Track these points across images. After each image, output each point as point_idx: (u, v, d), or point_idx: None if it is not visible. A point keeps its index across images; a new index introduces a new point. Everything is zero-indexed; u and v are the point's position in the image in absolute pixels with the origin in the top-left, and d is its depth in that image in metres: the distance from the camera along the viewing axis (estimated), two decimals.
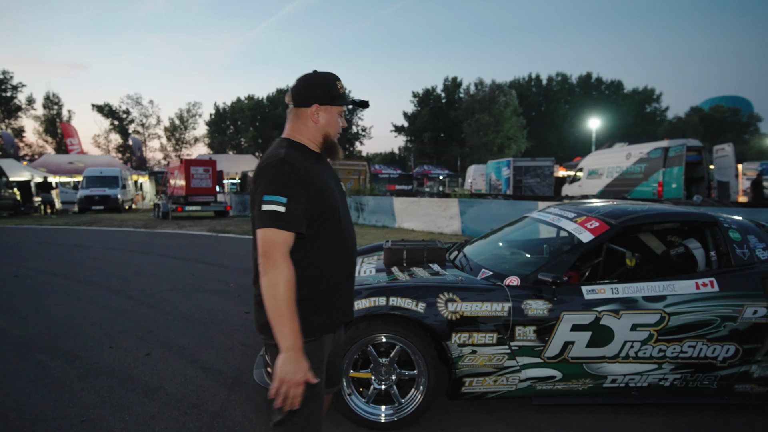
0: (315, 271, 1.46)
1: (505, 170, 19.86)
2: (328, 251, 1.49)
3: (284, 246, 1.35)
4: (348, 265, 1.57)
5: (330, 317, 1.52)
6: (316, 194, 1.43)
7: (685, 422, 2.51)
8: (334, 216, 1.50)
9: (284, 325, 1.32)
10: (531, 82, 53.61)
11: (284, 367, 1.31)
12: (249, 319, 4.37)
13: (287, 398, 1.31)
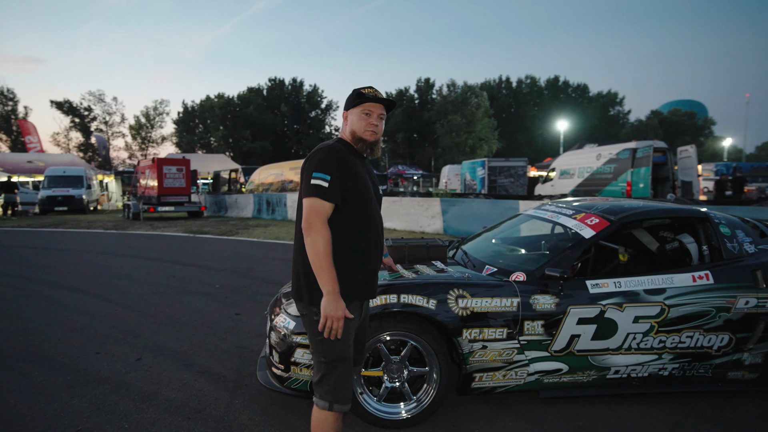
0: (345, 243, 1.77)
1: (480, 170, 20.18)
2: (357, 229, 1.81)
3: (324, 214, 1.71)
4: (373, 245, 1.86)
5: (356, 287, 1.80)
6: (351, 179, 1.77)
7: (684, 410, 2.61)
8: (364, 201, 1.82)
9: (325, 275, 1.67)
10: (501, 84, 54.73)
11: (327, 306, 1.67)
12: (241, 321, 4.27)
13: (331, 330, 1.68)
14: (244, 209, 14.80)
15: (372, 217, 1.86)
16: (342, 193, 1.74)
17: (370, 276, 1.86)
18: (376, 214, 1.90)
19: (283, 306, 2.83)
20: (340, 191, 1.73)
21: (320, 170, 1.71)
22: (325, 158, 1.73)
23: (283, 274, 6.24)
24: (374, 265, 1.88)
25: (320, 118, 54.13)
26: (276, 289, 5.42)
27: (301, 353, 2.51)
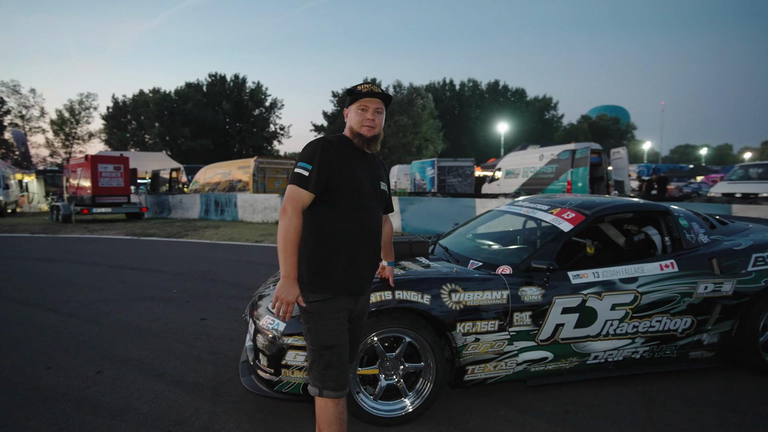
0: (327, 233, 1.81)
1: (430, 170, 20.60)
2: (341, 222, 1.81)
3: (299, 201, 1.75)
4: (357, 240, 1.84)
5: (337, 280, 1.81)
6: (337, 172, 1.79)
7: (655, 389, 2.82)
8: (350, 194, 1.82)
9: (286, 259, 1.74)
10: (445, 86, 56.18)
11: (280, 289, 1.76)
12: (209, 326, 4.05)
13: (281, 312, 1.76)
14: (190, 210, 14.05)
15: (360, 212, 1.84)
16: (326, 185, 1.77)
17: (353, 271, 1.83)
18: (367, 209, 1.86)
19: (267, 307, 2.72)
20: (321, 182, 1.76)
21: (304, 160, 1.78)
22: (311, 150, 1.80)
23: (244, 275, 6.00)
24: (358, 260, 1.84)
25: (264, 117, 52.62)
26: (240, 291, 5.20)
27: (292, 355, 2.42)
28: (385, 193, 2.00)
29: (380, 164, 2.04)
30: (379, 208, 1.95)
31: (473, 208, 8.41)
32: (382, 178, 2.00)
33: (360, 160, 1.88)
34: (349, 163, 1.82)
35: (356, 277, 1.85)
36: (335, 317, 1.81)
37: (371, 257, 1.91)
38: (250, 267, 6.62)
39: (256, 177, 14.67)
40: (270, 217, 11.96)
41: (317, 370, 1.82)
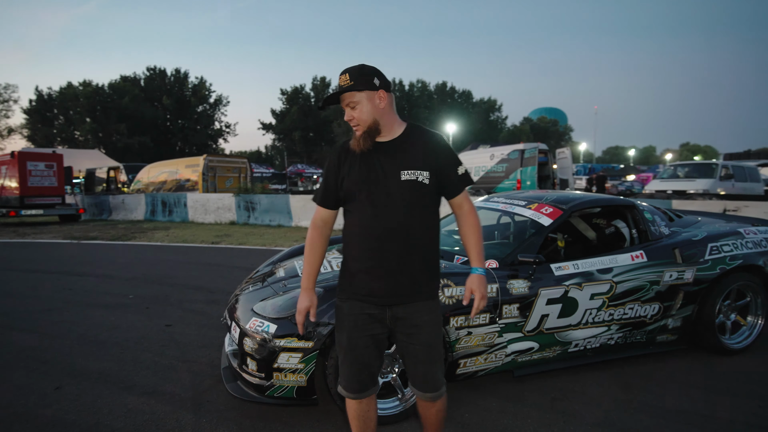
0: (348, 240, 1.79)
1: None
2: (351, 230, 1.77)
3: (316, 214, 1.86)
4: (356, 244, 1.74)
5: (343, 285, 1.81)
6: (342, 177, 1.75)
7: (629, 372, 3.00)
8: (358, 197, 1.72)
9: (302, 270, 1.86)
10: (395, 86, 56.68)
11: (298, 302, 1.81)
12: (177, 333, 3.81)
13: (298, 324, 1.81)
14: (134, 211, 13.17)
15: (366, 215, 1.70)
16: (335, 194, 1.78)
17: (362, 276, 1.72)
18: (375, 210, 1.68)
19: (253, 309, 2.60)
20: (327, 192, 1.80)
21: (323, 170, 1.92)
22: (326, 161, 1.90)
23: (206, 278, 5.71)
24: (366, 266, 1.71)
25: (209, 113, 50.49)
26: (204, 295, 4.95)
27: (285, 358, 2.34)
28: (408, 184, 1.68)
29: (417, 147, 1.71)
30: (398, 205, 1.68)
31: None
32: (411, 164, 1.69)
33: (372, 157, 1.70)
34: (355, 165, 1.71)
35: (365, 282, 1.72)
36: (349, 319, 1.76)
37: (391, 261, 1.69)
38: (210, 269, 6.32)
39: (205, 176, 14.04)
40: (224, 217, 11.48)
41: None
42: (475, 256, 1.76)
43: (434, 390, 1.77)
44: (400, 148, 1.72)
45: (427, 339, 1.74)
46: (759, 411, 2.52)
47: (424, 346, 1.74)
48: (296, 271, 3.08)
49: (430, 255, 1.77)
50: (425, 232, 1.74)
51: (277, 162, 52.45)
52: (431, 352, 1.75)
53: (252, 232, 9.73)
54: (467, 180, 1.79)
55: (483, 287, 1.73)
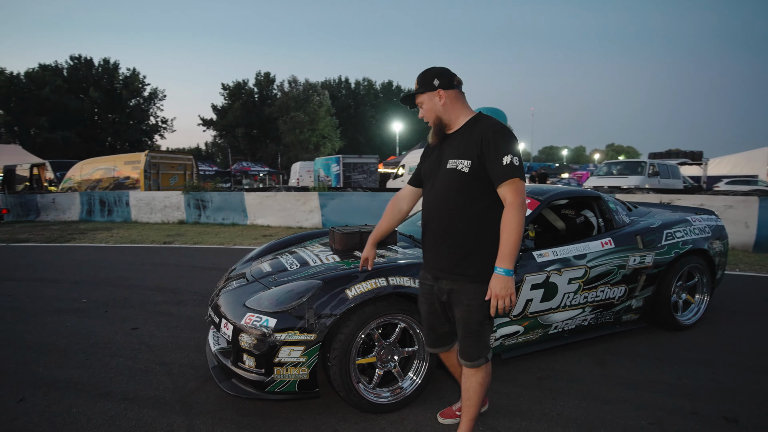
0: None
1: (335, 167, 20.56)
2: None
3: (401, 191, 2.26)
4: (423, 222, 2.04)
5: (423, 257, 2.11)
6: (422, 162, 2.08)
7: (601, 350, 3.24)
8: (423, 187, 2.09)
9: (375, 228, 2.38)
10: (341, 84, 56.40)
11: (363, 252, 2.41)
12: (146, 335, 3.60)
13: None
14: (67, 211, 12.09)
15: (426, 196, 2.04)
16: (417, 176, 2.15)
17: (426, 251, 2.06)
18: (427, 193, 2.03)
19: (245, 304, 2.53)
20: (414, 174, 2.18)
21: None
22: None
23: (166, 279, 5.41)
24: (424, 239, 2.05)
25: (143, 108, 47.32)
26: (168, 296, 4.70)
27: (287, 351, 2.30)
28: (451, 171, 1.85)
29: (466, 137, 1.85)
30: (439, 190, 1.90)
31: None
32: (456, 153, 1.85)
33: (439, 149, 1.98)
34: (430, 156, 2.04)
35: (427, 257, 2.06)
36: (420, 287, 2.14)
37: (431, 238, 1.99)
38: (167, 270, 5.99)
39: (148, 173, 13.20)
40: (172, 216, 10.87)
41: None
42: (500, 255, 1.76)
43: (466, 360, 1.96)
44: (457, 139, 1.91)
45: (463, 316, 1.91)
46: (714, 376, 2.83)
47: (459, 322, 1.94)
48: (283, 266, 3.02)
49: (465, 240, 1.87)
50: (462, 218, 1.86)
51: (219, 159, 50.34)
52: (465, 328, 1.92)
53: (205, 231, 9.31)
54: (511, 172, 1.75)
55: (499, 287, 1.75)
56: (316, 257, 3.08)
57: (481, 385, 1.98)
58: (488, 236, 1.84)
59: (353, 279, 2.47)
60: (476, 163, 1.81)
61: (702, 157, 17.23)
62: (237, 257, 6.76)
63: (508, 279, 1.75)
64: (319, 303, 2.37)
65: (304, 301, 2.38)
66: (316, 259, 3.03)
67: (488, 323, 1.92)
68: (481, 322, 1.88)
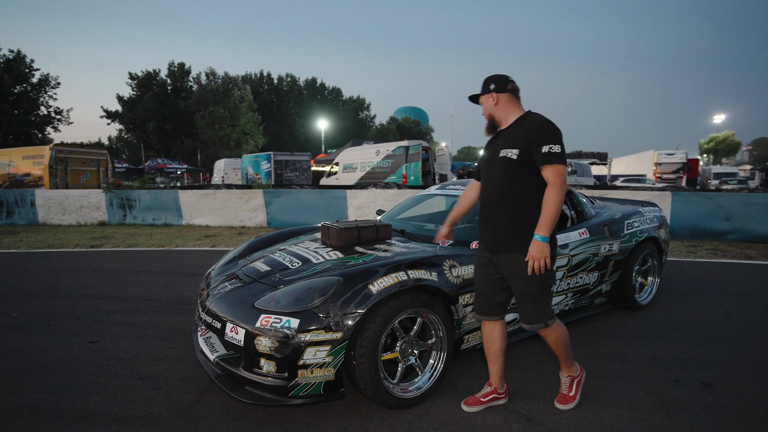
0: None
1: (265, 164, 19.83)
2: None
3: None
4: (480, 205, 2.40)
5: (479, 233, 2.40)
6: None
7: (582, 332, 3.50)
8: (481, 171, 2.44)
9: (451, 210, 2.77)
10: (263, 79, 54.40)
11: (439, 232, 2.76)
12: (110, 348, 3.21)
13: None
14: None
15: (483, 182, 2.39)
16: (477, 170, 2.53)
17: (481, 229, 2.37)
18: (483, 179, 2.39)
19: (255, 305, 2.38)
20: (476, 168, 2.56)
21: None
22: None
23: (109, 286, 4.83)
24: (482, 218, 2.36)
25: (31, 96, 41.64)
26: (119, 304, 4.22)
27: (312, 352, 2.20)
28: (503, 159, 2.21)
29: (515, 131, 2.21)
30: (493, 176, 2.27)
31: (344, 199, 8.55)
32: (507, 144, 2.21)
33: (493, 142, 2.34)
34: (487, 148, 2.39)
35: (482, 234, 2.36)
36: (477, 259, 2.43)
37: (487, 217, 2.31)
38: (108, 275, 5.36)
39: (53, 169, 11.67)
40: (90, 217, 9.71)
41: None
42: (539, 224, 2.11)
43: (527, 323, 2.30)
44: (508, 133, 2.26)
45: (519, 285, 2.24)
46: (680, 348, 3.20)
47: (517, 290, 2.28)
48: (282, 264, 2.87)
49: (518, 217, 2.21)
50: (515, 198, 2.21)
51: (125, 155, 45.94)
52: (522, 296, 2.26)
53: (136, 233, 8.45)
54: (551, 158, 2.10)
55: (536, 251, 2.10)
56: (315, 254, 2.96)
57: (556, 343, 2.36)
58: (534, 212, 2.15)
59: (374, 274, 2.42)
60: (523, 152, 2.16)
61: (607, 157, 19.29)
62: (184, 260, 6.26)
63: (544, 244, 2.10)
64: (343, 300, 2.29)
65: (328, 299, 2.28)
66: (317, 256, 2.92)
67: (544, 291, 2.24)
68: (537, 290, 2.21)
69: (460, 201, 2.66)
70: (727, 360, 3.01)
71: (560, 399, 2.46)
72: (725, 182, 19.47)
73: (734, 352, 3.13)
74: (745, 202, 7.21)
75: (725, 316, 3.87)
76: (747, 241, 7.15)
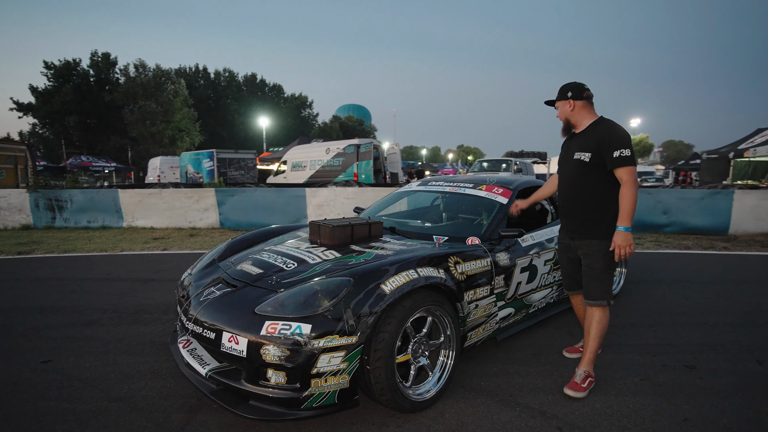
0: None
1: (207, 162, 18.81)
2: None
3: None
4: (559, 199, 2.79)
5: (561, 223, 2.83)
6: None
7: (563, 323, 3.60)
8: (559, 167, 2.76)
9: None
10: (199, 73, 51.70)
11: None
12: (67, 368, 2.82)
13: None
14: None
15: (560, 180, 2.75)
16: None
17: (560, 214, 2.81)
18: (562, 177, 2.72)
19: (256, 311, 2.18)
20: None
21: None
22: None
23: (51, 296, 4.28)
24: (562, 210, 2.75)
25: None
26: (69, 317, 3.76)
27: (326, 359, 2.05)
28: (576, 161, 2.54)
29: (588, 136, 2.52)
30: (568, 175, 2.63)
31: (303, 198, 8.26)
32: (580, 147, 2.53)
33: (569, 143, 2.67)
34: (563, 149, 2.73)
35: (563, 222, 2.77)
36: (559, 244, 2.89)
37: (567, 209, 2.69)
38: (47, 285, 4.75)
39: None
40: (10, 220, 8.56)
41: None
42: (620, 217, 2.42)
43: (589, 299, 2.60)
44: (582, 137, 2.56)
45: (589, 264, 2.59)
46: (656, 334, 3.38)
47: (587, 268, 2.61)
48: (275, 266, 2.67)
49: (591, 209, 2.55)
50: (587, 195, 2.55)
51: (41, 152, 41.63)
52: (590, 274, 2.59)
53: (71, 237, 7.60)
54: (623, 161, 2.39)
55: (621, 240, 2.40)
56: (308, 254, 2.79)
57: (599, 323, 2.58)
58: (607, 207, 2.50)
59: (385, 273, 2.31)
60: (595, 155, 2.46)
61: (546, 157, 20.38)
62: (134, 264, 5.72)
63: (627, 234, 2.40)
64: (356, 301, 2.15)
65: (340, 301, 2.13)
66: (312, 255, 2.75)
67: (608, 272, 2.55)
68: (602, 269, 2.54)
69: (547, 186, 3.05)
70: (700, 343, 3.22)
71: (572, 386, 2.53)
72: (645, 180, 21.27)
73: (703, 335, 3.36)
74: (679, 197, 7.87)
75: (685, 302, 4.16)
76: (682, 233, 7.82)
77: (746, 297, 4.31)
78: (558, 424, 2.21)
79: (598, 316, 2.58)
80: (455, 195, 3.77)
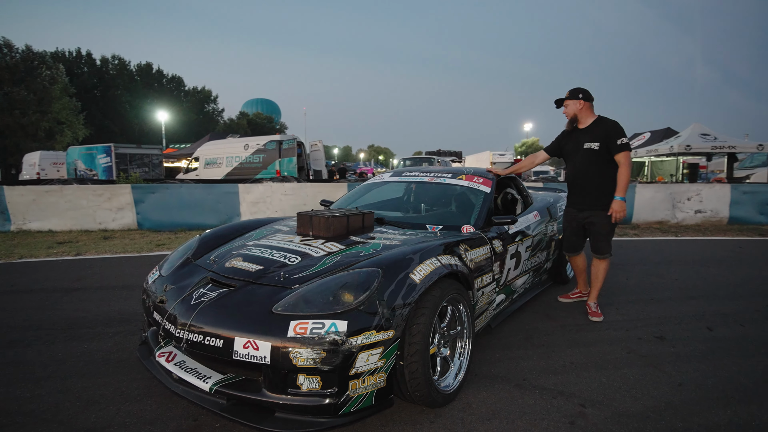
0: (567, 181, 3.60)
1: (103, 158, 16.72)
2: (568, 173, 3.60)
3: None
4: (569, 181, 3.58)
5: (569, 200, 3.68)
6: (561, 143, 3.58)
7: (541, 306, 3.74)
8: (567, 160, 3.56)
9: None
10: (81, 59, 45.74)
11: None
12: (20, 398, 2.25)
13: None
14: None
15: (572, 165, 3.49)
16: (553, 147, 3.67)
17: (569, 192, 3.62)
18: (572, 163, 3.49)
19: (275, 312, 1.93)
20: (551, 145, 3.69)
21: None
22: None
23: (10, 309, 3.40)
24: (569, 189, 3.61)
25: None
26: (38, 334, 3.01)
27: (364, 357, 1.88)
28: (587, 150, 3.35)
29: (595, 130, 3.33)
30: (581, 161, 3.40)
31: (236, 195, 7.63)
32: (590, 139, 3.33)
33: (576, 136, 3.43)
34: (569, 140, 3.49)
35: (571, 197, 3.61)
36: (565, 216, 3.70)
37: (578, 189, 3.48)
38: None
39: None
40: None
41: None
42: (617, 190, 3.28)
43: (597, 253, 3.49)
44: (588, 131, 3.36)
45: (598, 229, 3.43)
46: (620, 311, 3.66)
47: (595, 233, 3.45)
48: (277, 261, 2.40)
49: (600, 188, 3.36)
50: (597, 176, 3.35)
51: None
52: (598, 236, 3.45)
53: None
54: (623, 147, 3.24)
55: (617, 206, 3.28)
56: (306, 246, 2.55)
57: (605, 269, 3.54)
58: (609, 185, 3.31)
59: (410, 262, 2.19)
60: (603, 145, 3.28)
61: (462, 155, 21.47)
62: (42, 273, 4.82)
63: (622, 202, 3.27)
64: (389, 293, 2.00)
65: (372, 293, 1.96)
66: (312, 248, 2.52)
67: (611, 234, 3.45)
68: (608, 232, 3.42)
69: (526, 162, 3.79)
70: (658, 316, 3.56)
71: (593, 314, 3.48)
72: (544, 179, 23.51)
73: (657, 309, 3.72)
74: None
75: (627, 282, 4.59)
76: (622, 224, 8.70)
77: (673, 275, 4.89)
78: (580, 402, 2.27)
79: (604, 265, 3.52)
80: (435, 185, 3.73)
